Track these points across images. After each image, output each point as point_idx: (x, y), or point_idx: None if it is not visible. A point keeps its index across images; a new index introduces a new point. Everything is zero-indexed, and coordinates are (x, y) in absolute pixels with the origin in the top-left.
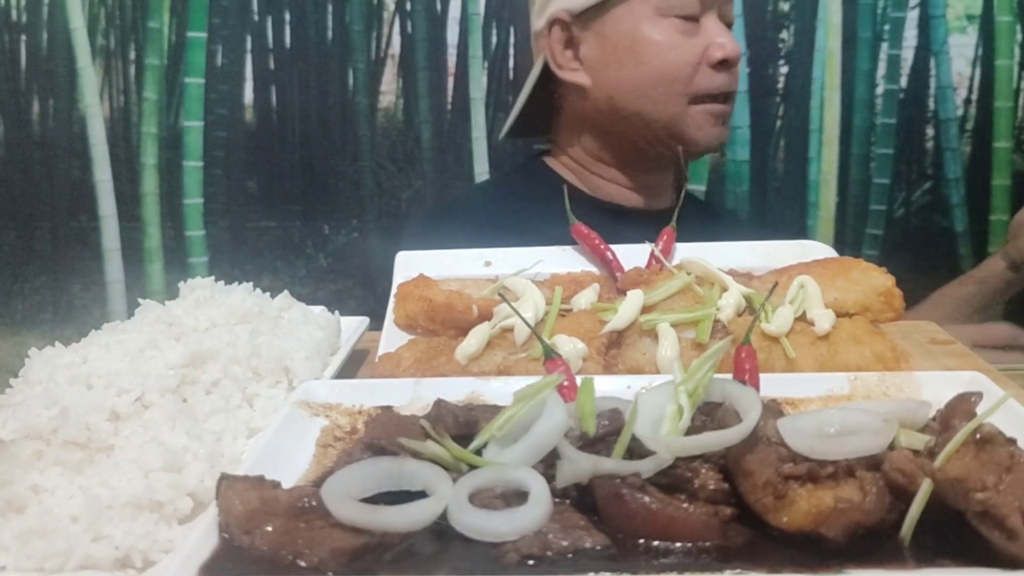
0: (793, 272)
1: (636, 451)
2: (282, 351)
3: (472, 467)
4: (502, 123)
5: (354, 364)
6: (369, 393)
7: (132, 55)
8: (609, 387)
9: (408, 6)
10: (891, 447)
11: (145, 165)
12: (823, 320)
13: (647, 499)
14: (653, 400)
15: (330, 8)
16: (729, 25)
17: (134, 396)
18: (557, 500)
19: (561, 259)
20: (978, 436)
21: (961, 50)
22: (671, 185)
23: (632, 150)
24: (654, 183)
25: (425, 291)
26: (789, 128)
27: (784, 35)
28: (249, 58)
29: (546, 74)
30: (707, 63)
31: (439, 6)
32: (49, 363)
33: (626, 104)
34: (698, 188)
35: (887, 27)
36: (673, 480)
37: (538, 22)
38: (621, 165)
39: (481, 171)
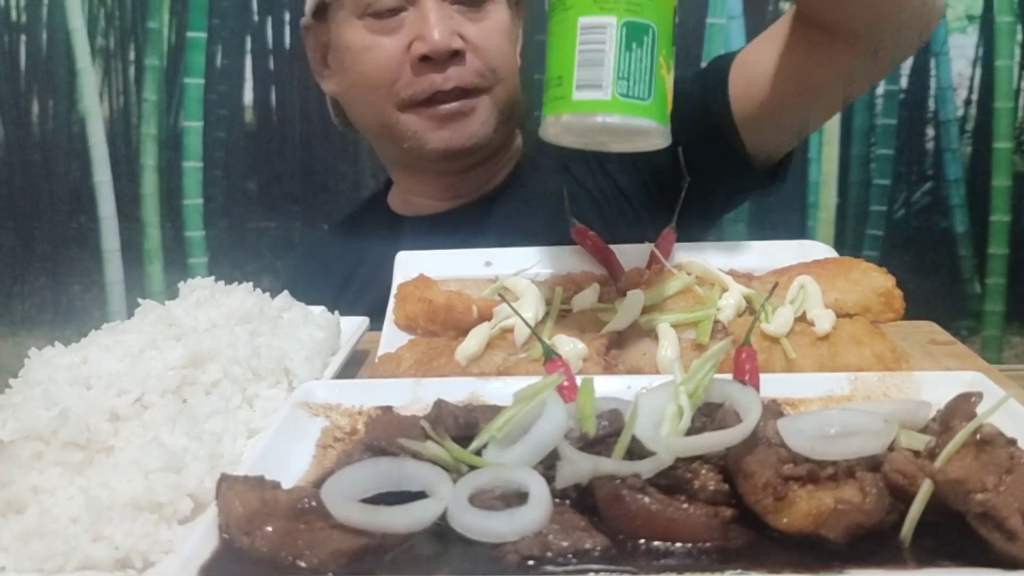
0: (793, 272)
1: (636, 452)
2: (282, 351)
3: (472, 468)
4: None
5: (354, 365)
6: (369, 394)
7: (132, 56)
8: (609, 387)
9: None
10: (891, 448)
11: (145, 166)
12: (823, 321)
13: (647, 500)
14: (653, 401)
15: None
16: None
17: (134, 397)
18: (557, 501)
19: (561, 259)
20: (978, 437)
21: (961, 50)
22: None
23: (396, 158)
24: (451, 191)
25: (425, 292)
26: None
27: None
28: (249, 58)
29: None
30: (410, 62)
31: None
32: (49, 364)
33: (353, 111)
34: None
35: None
36: (673, 481)
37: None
38: (410, 175)
39: None
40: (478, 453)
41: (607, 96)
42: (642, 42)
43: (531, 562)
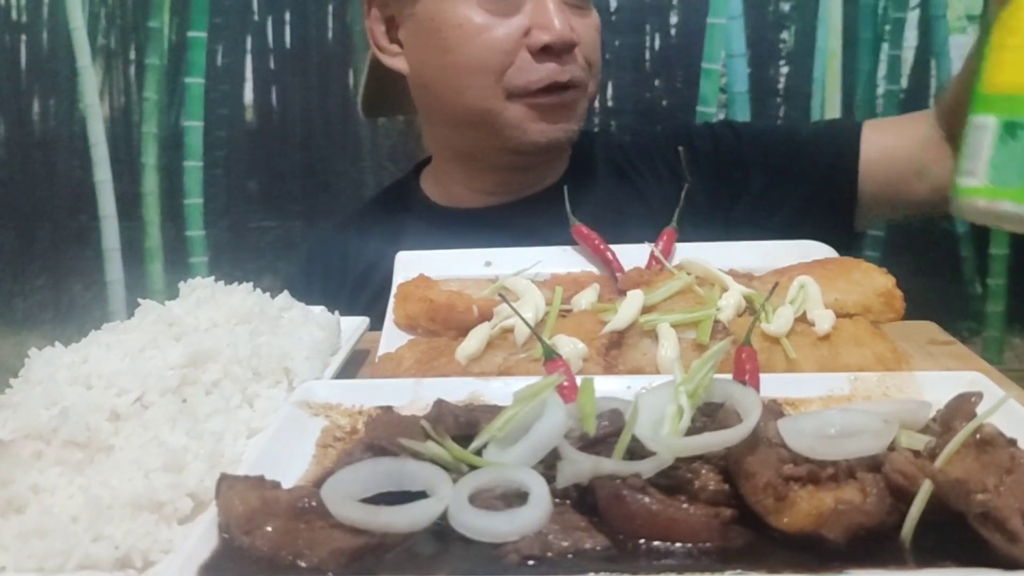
0: (793, 272)
1: (636, 452)
2: (282, 351)
3: (472, 467)
4: None
5: (354, 364)
6: (369, 393)
7: (132, 55)
8: (609, 387)
9: None
10: (892, 448)
11: (145, 165)
12: (823, 321)
13: (647, 500)
14: (653, 401)
15: (331, 8)
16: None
17: (134, 396)
18: (557, 501)
19: (561, 259)
20: (979, 437)
21: (962, 51)
22: (538, 173)
23: (466, 148)
24: (504, 184)
25: (425, 291)
26: None
27: (784, 36)
28: (249, 58)
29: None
30: (529, 50)
31: None
32: (49, 363)
33: (440, 94)
34: None
35: (888, 28)
36: (673, 481)
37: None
38: (465, 166)
39: None
40: (478, 453)
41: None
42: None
43: (531, 562)
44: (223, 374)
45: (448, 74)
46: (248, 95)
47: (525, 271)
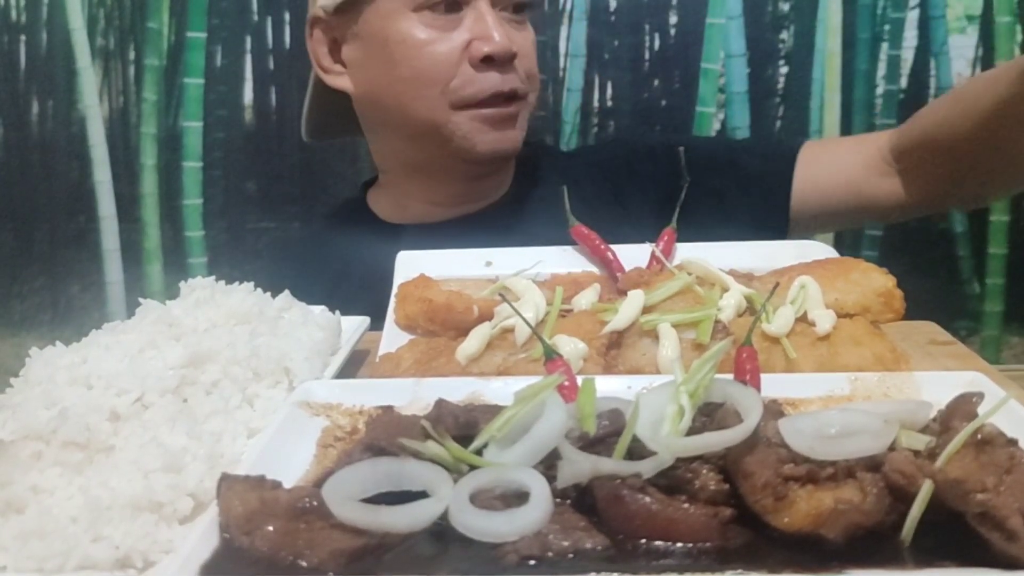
0: (793, 273)
1: (636, 452)
2: (282, 351)
3: (472, 467)
4: None
5: (354, 364)
6: (369, 393)
7: (131, 55)
8: (609, 387)
9: None
10: (891, 448)
11: (144, 166)
12: (823, 321)
13: (647, 500)
14: (654, 401)
15: None
16: (520, 7)
17: (134, 396)
18: (557, 501)
19: (561, 259)
20: (978, 437)
21: (961, 51)
22: (487, 187)
23: (418, 160)
24: (464, 195)
25: (425, 291)
26: (789, 129)
27: (784, 36)
28: (249, 58)
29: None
30: (470, 62)
31: None
32: (49, 363)
33: (388, 109)
34: None
35: (887, 28)
36: (673, 481)
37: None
38: (424, 179)
39: None
40: (478, 453)
41: None
42: None
43: (531, 562)
44: (223, 374)
45: (395, 88)
46: (247, 96)
47: (525, 271)
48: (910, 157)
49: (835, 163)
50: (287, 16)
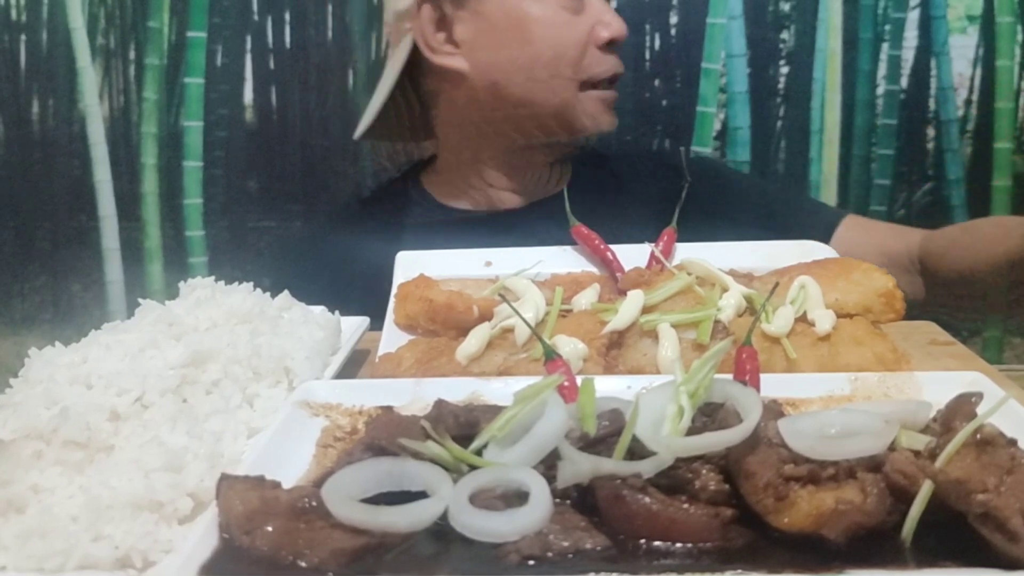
0: (794, 273)
1: (637, 452)
2: (282, 351)
3: (473, 468)
4: None
5: (354, 364)
6: (369, 393)
7: (132, 55)
8: (610, 387)
9: None
10: (892, 448)
11: (145, 165)
12: (824, 321)
13: (648, 500)
14: (654, 401)
15: (330, 8)
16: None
17: (134, 396)
18: (558, 501)
19: (561, 259)
20: (979, 437)
21: (962, 51)
22: (556, 175)
23: (513, 144)
24: (538, 179)
25: (426, 291)
26: (790, 129)
27: (785, 36)
28: (249, 58)
29: (409, 64)
30: (594, 44)
31: None
32: (49, 363)
33: (511, 90)
34: None
35: (888, 28)
36: (674, 481)
37: (401, 1)
38: (501, 163)
39: None
40: (478, 453)
41: None
42: None
43: (531, 562)
44: (223, 374)
45: (527, 67)
46: (247, 95)
47: (525, 271)
48: (932, 276)
49: (869, 245)
50: (287, 16)
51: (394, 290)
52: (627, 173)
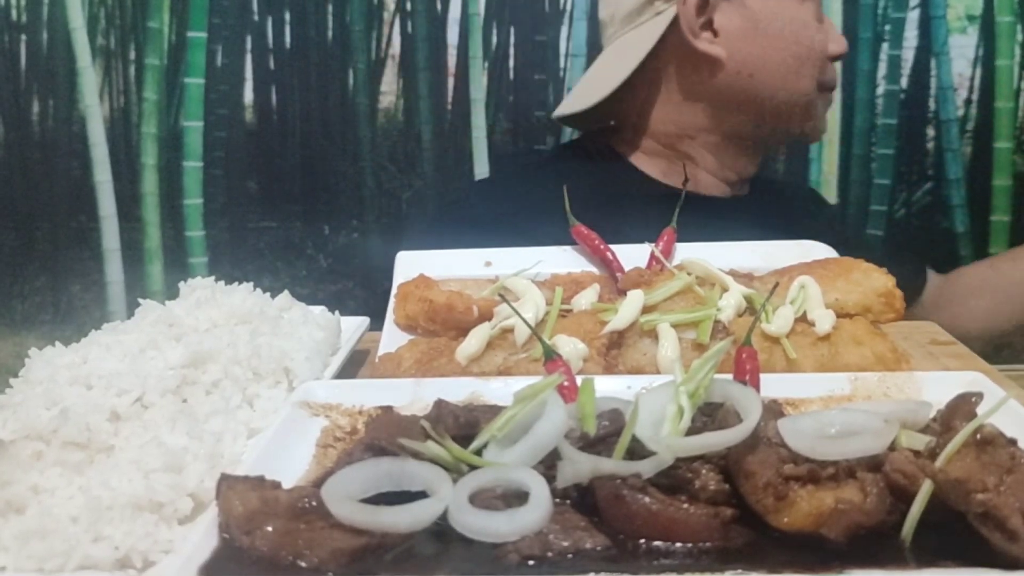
0: (794, 273)
1: (637, 452)
2: (282, 351)
3: (473, 468)
4: (502, 123)
5: (354, 364)
6: (369, 393)
7: (132, 55)
8: (610, 387)
9: (408, 6)
10: (892, 448)
11: (145, 165)
12: (824, 321)
13: (648, 500)
14: (654, 401)
15: (330, 8)
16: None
17: (134, 396)
18: (558, 501)
19: (561, 259)
20: (979, 437)
21: (962, 50)
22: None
23: (742, 131)
24: (745, 171)
25: (425, 291)
26: None
27: None
28: (249, 58)
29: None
30: (828, 54)
31: (439, 6)
32: (49, 363)
33: (765, 83)
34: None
35: (888, 27)
36: (674, 481)
37: None
38: (721, 150)
39: (481, 171)
40: (478, 453)
41: None
42: None
43: (531, 562)
44: (223, 374)
45: (784, 63)
46: (247, 95)
47: (525, 271)
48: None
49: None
50: (287, 16)
51: (394, 290)
52: (788, 193)
